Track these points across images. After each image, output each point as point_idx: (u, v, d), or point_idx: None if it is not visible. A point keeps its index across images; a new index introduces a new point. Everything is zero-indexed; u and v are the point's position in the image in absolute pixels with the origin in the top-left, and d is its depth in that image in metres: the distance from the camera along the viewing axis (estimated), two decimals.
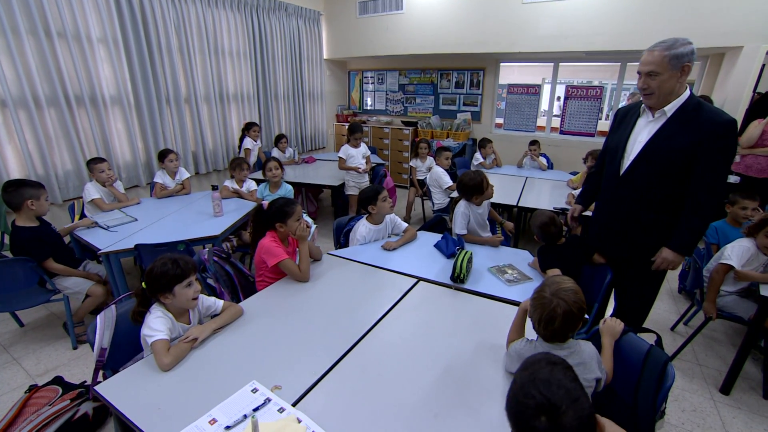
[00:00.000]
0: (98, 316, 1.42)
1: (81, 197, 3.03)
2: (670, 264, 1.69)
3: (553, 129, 5.48)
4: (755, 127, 3.32)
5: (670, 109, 1.63)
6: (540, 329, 1.20)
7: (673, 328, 2.66)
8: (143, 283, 1.42)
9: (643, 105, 1.73)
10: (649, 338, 1.35)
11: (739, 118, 3.61)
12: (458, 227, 2.44)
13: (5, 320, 2.61)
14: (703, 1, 3.58)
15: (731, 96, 3.70)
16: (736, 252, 2.18)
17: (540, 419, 0.72)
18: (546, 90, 5.49)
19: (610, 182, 1.85)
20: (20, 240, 2.23)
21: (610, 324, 1.36)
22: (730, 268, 2.16)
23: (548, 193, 3.64)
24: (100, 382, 1.27)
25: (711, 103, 3.67)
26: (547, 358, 0.83)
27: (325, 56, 6.07)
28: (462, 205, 2.49)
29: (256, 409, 1.11)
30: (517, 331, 1.38)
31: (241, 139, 4.54)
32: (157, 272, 1.39)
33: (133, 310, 1.44)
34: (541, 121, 5.59)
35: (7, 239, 2.82)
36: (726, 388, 2.09)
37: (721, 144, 1.54)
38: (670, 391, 1.21)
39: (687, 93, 1.62)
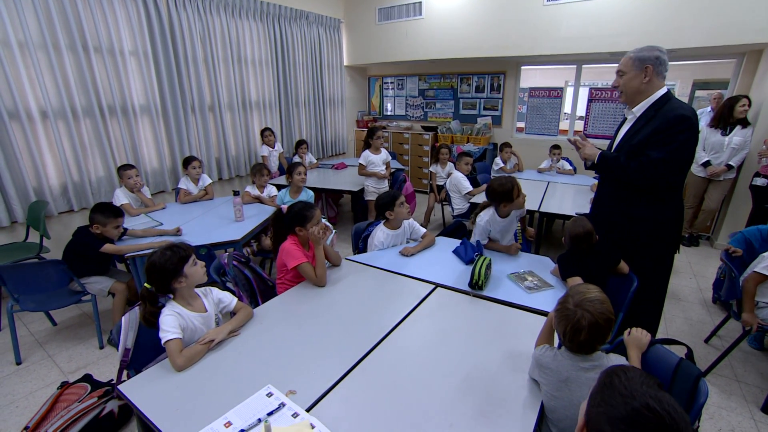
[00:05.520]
0: (122, 318, 1.47)
1: (111, 202, 3.17)
2: (586, 152, 1.97)
3: (576, 132, 5.33)
4: None
5: (639, 109, 1.86)
6: (566, 342, 1.15)
7: (707, 341, 2.52)
8: (146, 284, 1.42)
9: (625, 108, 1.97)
10: (679, 351, 1.28)
11: None
12: (480, 229, 2.34)
13: (40, 319, 2.75)
14: None
15: None
16: None
17: None
18: (569, 93, 5.36)
19: (599, 179, 2.14)
20: (77, 235, 2.42)
21: (636, 335, 1.30)
22: (765, 278, 2.02)
23: (571, 198, 3.54)
24: (124, 381, 1.31)
25: (748, 104, 3.49)
26: (654, 379, 0.76)
27: (345, 63, 6.15)
28: (484, 218, 2.30)
29: (270, 414, 1.12)
30: (545, 339, 1.34)
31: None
32: (161, 261, 1.41)
33: (143, 311, 1.42)
34: (564, 125, 5.45)
35: (45, 242, 2.99)
36: None
37: (666, 132, 1.72)
38: (704, 408, 1.14)
39: (659, 94, 1.80)
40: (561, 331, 1.15)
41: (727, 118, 3.60)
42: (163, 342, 1.35)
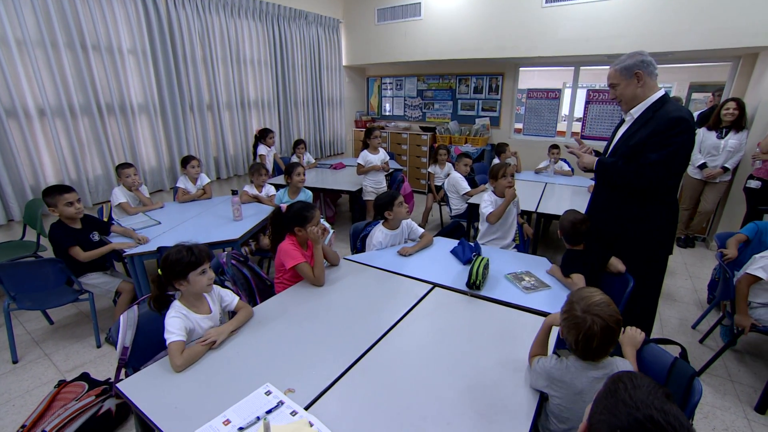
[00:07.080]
0: (121, 316, 1.47)
1: (109, 201, 3.17)
2: (584, 161, 1.99)
3: (574, 134, 5.37)
4: None
5: (637, 111, 1.88)
6: (578, 350, 1.12)
7: (702, 341, 2.54)
8: (159, 270, 1.47)
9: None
10: (674, 351, 1.29)
11: None
12: (483, 207, 2.70)
13: (37, 318, 2.74)
14: None
15: (765, 98, 3.53)
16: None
17: None
18: (567, 94, 5.39)
19: (595, 180, 2.16)
20: (50, 232, 2.39)
21: (630, 334, 1.31)
22: (757, 279, 2.04)
23: (569, 199, 3.56)
24: (122, 379, 1.31)
25: (736, 107, 3.51)
26: (663, 389, 0.72)
27: (344, 63, 6.16)
28: (486, 192, 2.83)
29: (269, 412, 1.12)
30: (541, 346, 1.33)
31: (255, 146, 4.61)
32: (172, 259, 1.44)
33: (151, 296, 1.49)
34: (562, 126, 5.48)
35: (42, 240, 2.98)
36: (762, 407, 1.97)
37: (664, 134, 1.74)
38: (698, 407, 1.15)
39: (656, 96, 1.83)
40: (572, 340, 1.12)
41: (717, 120, 3.66)
42: (167, 343, 1.36)
